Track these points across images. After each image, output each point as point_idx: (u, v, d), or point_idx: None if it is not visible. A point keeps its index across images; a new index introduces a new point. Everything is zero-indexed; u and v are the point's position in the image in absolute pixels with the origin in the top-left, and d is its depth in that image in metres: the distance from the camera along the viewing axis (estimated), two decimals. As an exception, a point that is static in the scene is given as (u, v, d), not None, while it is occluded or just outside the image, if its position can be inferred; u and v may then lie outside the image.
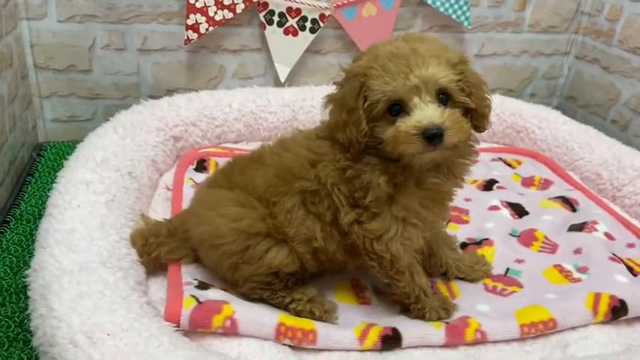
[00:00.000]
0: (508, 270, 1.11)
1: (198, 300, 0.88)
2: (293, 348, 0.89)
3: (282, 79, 1.73)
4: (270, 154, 0.97)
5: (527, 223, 1.26)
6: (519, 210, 1.32)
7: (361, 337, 0.90)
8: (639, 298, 0.99)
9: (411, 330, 0.92)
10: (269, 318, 0.89)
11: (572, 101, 2.02)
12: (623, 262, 1.10)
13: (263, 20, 1.67)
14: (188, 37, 1.60)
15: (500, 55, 1.96)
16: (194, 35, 1.60)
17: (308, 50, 1.73)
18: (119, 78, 1.68)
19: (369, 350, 0.90)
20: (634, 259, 1.13)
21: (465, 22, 1.80)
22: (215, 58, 1.73)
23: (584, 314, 0.96)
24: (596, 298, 0.97)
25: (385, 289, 1.01)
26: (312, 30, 1.70)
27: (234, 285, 0.98)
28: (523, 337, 0.94)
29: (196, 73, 1.73)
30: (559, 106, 2.00)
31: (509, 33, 1.92)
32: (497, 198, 1.36)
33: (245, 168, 0.98)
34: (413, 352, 0.91)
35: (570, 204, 1.33)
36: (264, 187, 0.93)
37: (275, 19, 1.67)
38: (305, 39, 1.71)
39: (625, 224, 1.27)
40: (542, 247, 1.18)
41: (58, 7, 1.56)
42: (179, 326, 0.85)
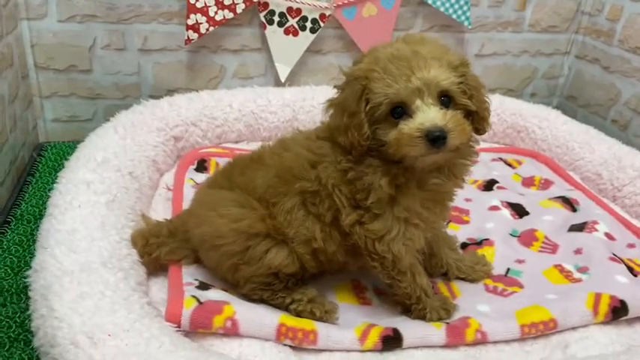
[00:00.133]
0: (508, 270, 1.11)
1: (199, 300, 0.88)
2: (294, 348, 0.89)
3: (283, 79, 1.73)
4: (271, 154, 0.97)
5: (528, 223, 1.26)
6: (520, 210, 1.32)
7: (362, 338, 0.90)
8: (639, 298, 0.99)
9: (412, 330, 0.92)
10: (270, 318, 0.89)
11: (572, 101, 2.02)
12: (623, 263, 1.10)
13: (263, 20, 1.67)
14: (188, 37, 1.60)
15: (501, 55, 1.96)
16: (194, 35, 1.60)
17: (308, 50, 1.73)
18: (119, 78, 1.68)
19: (369, 350, 0.90)
20: (634, 259, 1.13)
21: (466, 22, 1.80)
22: (215, 58, 1.72)
23: (584, 314, 0.96)
24: (597, 298, 0.98)
25: (386, 289, 1.01)
26: (313, 30, 1.70)
27: (234, 286, 0.98)
28: (523, 338, 0.94)
29: (197, 73, 1.73)
30: (559, 106, 1.99)
31: (509, 33, 1.92)
32: (498, 198, 1.36)
33: (245, 168, 0.98)
34: (413, 353, 0.91)
35: (570, 204, 1.33)
36: (264, 188, 0.93)
37: (275, 18, 1.67)
38: (305, 39, 1.71)
39: (625, 224, 1.27)
40: (542, 248, 1.18)
41: (58, 7, 1.56)
42: (180, 327, 0.85)
